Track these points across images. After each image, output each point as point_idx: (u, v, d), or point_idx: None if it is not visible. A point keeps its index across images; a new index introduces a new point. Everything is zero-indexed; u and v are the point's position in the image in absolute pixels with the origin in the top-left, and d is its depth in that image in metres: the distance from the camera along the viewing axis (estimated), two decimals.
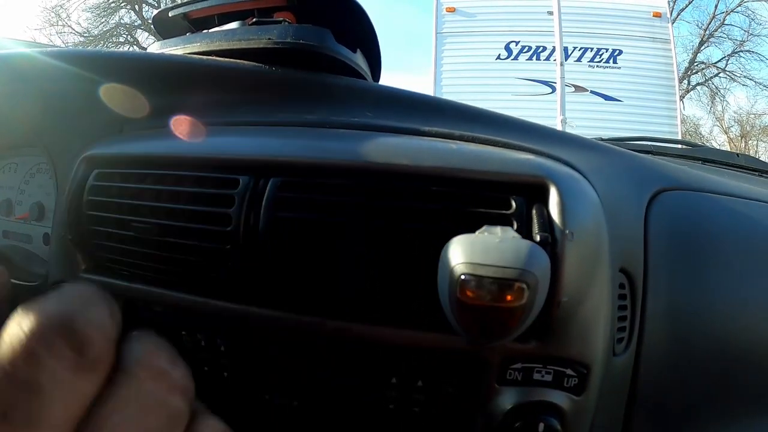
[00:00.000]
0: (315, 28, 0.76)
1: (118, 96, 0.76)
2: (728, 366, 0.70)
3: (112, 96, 0.76)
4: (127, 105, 0.77)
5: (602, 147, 0.74)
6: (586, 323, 0.55)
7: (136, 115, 0.77)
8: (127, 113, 0.78)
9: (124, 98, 0.76)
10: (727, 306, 0.71)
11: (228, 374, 0.66)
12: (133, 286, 0.68)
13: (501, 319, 0.44)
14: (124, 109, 0.77)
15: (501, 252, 0.43)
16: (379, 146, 0.60)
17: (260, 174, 0.60)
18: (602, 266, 0.56)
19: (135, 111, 0.77)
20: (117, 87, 0.76)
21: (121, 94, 0.76)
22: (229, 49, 0.78)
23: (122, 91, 0.76)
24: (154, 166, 0.67)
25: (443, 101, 0.77)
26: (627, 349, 0.63)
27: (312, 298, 0.58)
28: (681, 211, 0.72)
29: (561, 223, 0.51)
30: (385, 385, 0.59)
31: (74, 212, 0.71)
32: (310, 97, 0.77)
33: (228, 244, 0.59)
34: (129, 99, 0.76)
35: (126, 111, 0.77)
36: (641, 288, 0.64)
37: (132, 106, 0.76)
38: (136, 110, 0.77)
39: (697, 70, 18.42)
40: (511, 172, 0.54)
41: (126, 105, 0.77)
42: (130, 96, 0.76)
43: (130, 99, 0.76)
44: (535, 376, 0.55)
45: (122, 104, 0.77)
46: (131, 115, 0.77)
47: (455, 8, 6.99)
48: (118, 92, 0.76)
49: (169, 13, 0.94)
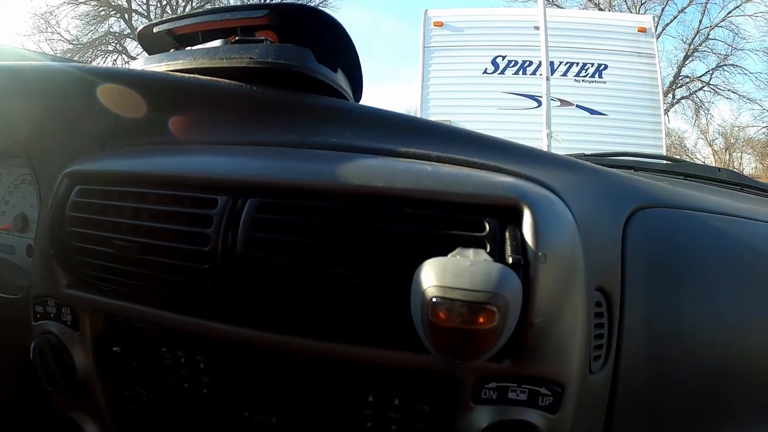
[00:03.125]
0: (296, 47, 0.77)
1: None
2: (708, 382, 0.70)
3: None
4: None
5: (580, 166, 0.74)
6: (560, 342, 0.55)
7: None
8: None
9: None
10: (706, 322, 0.71)
11: (207, 391, 0.66)
12: (114, 302, 0.68)
13: (473, 340, 0.45)
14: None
15: (472, 275, 0.44)
16: (356, 168, 0.61)
17: (238, 194, 0.60)
18: (577, 286, 0.57)
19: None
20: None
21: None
22: (212, 67, 0.79)
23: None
24: (134, 184, 0.67)
25: (422, 121, 0.77)
26: (604, 367, 0.63)
27: (289, 317, 0.59)
28: (659, 228, 0.72)
29: (534, 245, 0.52)
30: (363, 403, 0.59)
31: (56, 228, 0.71)
32: (291, 117, 0.78)
33: (206, 264, 0.59)
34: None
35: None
36: (618, 306, 0.64)
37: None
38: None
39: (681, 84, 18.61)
40: (485, 194, 0.55)
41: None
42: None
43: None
44: (510, 395, 0.55)
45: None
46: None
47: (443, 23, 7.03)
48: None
49: (154, 29, 0.94)
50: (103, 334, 0.71)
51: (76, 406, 0.75)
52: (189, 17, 0.91)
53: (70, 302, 0.71)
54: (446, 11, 7.28)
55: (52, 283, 0.73)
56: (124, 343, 0.70)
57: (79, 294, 0.71)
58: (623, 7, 17.70)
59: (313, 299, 0.57)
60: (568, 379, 0.56)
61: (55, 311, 0.73)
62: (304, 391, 0.61)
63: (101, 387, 0.72)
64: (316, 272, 0.56)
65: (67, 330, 0.72)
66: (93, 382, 0.72)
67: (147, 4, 17.49)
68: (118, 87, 0.79)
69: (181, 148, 0.74)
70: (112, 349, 0.70)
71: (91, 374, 0.71)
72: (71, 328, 0.72)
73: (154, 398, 0.70)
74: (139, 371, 0.70)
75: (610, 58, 6.92)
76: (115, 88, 0.79)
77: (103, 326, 0.71)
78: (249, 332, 0.60)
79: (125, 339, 0.70)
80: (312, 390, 0.61)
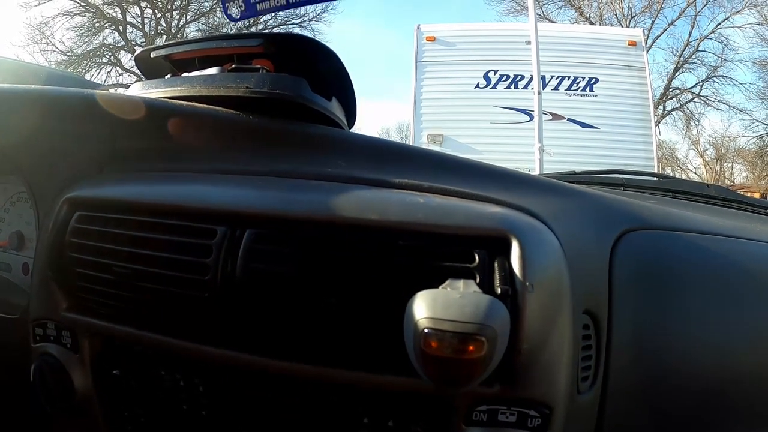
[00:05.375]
0: (291, 77, 0.79)
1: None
2: (695, 401, 0.72)
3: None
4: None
5: (567, 190, 0.76)
6: (548, 366, 0.57)
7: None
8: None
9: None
10: (693, 342, 0.72)
11: (206, 413, 0.68)
12: (114, 326, 0.69)
13: (463, 368, 0.47)
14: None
15: (461, 307, 0.46)
16: (351, 200, 0.63)
17: (236, 225, 0.62)
18: (564, 311, 0.59)
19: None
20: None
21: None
22: (209, 95, 0.81)
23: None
24: (134, 212, 0.69)
25: (412, 149, 0.79)
26: (592, 387, 0.64)
27: (286, 344, 0.60)
28: (646, 251, 0.73)
29: (522, 276, 0.54)
30: (358, 424, 0.61)
31: (56, 252, 0.72)
32: (287, 146, 0.80)
33: (206, 293, 0.61)
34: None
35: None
36: (606, 328, 0.66)
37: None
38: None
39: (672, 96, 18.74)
40: (475, 225, 0.57)
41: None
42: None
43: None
44: (500, 417, 0.57)
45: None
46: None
47: (435, 37, 7.08)
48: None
49: (152, 54, 0.96)
50: (102, 356, 0.72)
51: (76, 427, 0.76)
52: (186, 44, 0.93)
53: (69, 325, 0.73)
54: (438, 26, 7.33)
55: (51, 306, 0.74)
56: (123, 365, 0.71)
57: (78, 317, 0.72)
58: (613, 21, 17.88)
59: (309, 327, 0.59)
60: (556, 400, 0.58)
61: (55, 334, 0.74)
62: (301, 413, 0.63)
63: (100, 408, 0.73)
64: (313, 301, 0.58)
65: (67, 352, 0.73)
66: (92, 403, 0.73)
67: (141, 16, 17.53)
68: (115, 111, 0.80)
69: (180, 176, 0.75)
70: (111, 372, 0.72)
71: (90, 396, 0.72)
72: (71, 351, 0.73)
73: (153, 420, 0.71)
74: (138, 393, 0.71)
75: (601, 71, 6.97)
76: (113, 112, 0.80)
77: (102, 349, 0.72)
78: (247, 357, 0.61)
79: (124, 362, 0.71)
80: (308, 412, 0.62)
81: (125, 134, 0.81)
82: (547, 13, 17.81)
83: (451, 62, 7.04)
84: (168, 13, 17.68)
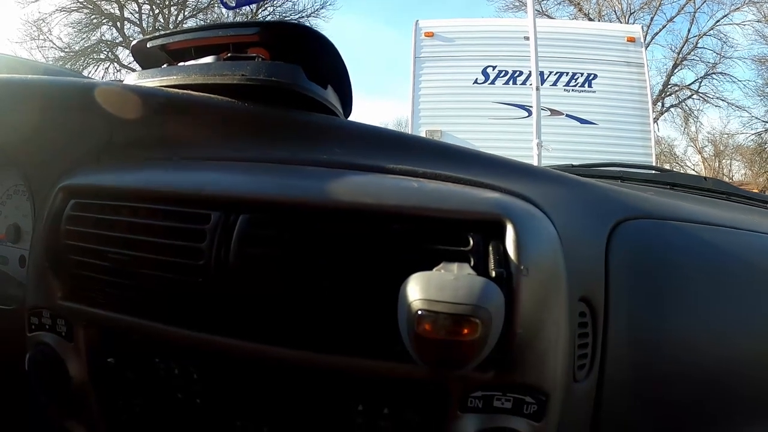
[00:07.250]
0: (287, 65, 0.79)
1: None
2: (692, 390, 0.72)
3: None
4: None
5: (565, 179, 0.76)
6: (543, 352, 0.57)
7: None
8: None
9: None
10: (690, 331, 0.72)
11: (200, 401, 0.67)
12: (109, 314, 0.69)
13: (457, 351, 0.47)
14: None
15: (455, 289, 0.46)
16: (345, 184, 0.63)
17: (230, 210, 0.62)
18: (560, 298, 0.59)
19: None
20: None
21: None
22: (204, 83, 0.80)
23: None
24: (129, 199, 0.69)
25: (409, 137, 0.79)
26: (589, 375, 0.64)
27: (281, 329, 0.60)
28: (643, 239, 0.74)
29: (516, 259, 0.54)
30: (353, 411, 0.61)
31: (52, 240, 0.72)
32: (282, 133, 0.79)
33: (200, 277, 0.61)
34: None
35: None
36: (602, 316, 0.66)
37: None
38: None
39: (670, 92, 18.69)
40: (470, 209, 0.57)
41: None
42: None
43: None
44: (495, 404, 0.57)
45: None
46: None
47: (434, 33, 7.05)
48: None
49: (148, 44, 0.96)
50: (97, 345, 0.72)
51: (71, 416, 0.76)
52: (182, 33, 0.93)
53: (64, 314, 0.72)
54: (437, 22, 7.31)
55: (47, 295, 0.74)
56: (118, 354, 0.71)
57: (73, 306, 0.72)
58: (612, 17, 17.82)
59: (303, 311, 0.59)
60: (552, 387, 0.58)
61: (50, 322, 0.73)
62: (295, 399, 0.63)
63: (95, 397, 0.73)
64: (307, 285, 0.58)
65: (62, 341, 0.73)
66: (87, 392, 0.72)
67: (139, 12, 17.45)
68: (112, 101, 0.80)
69: (175, 163, 0.75)
70: (106, 360, 0.71)
71: (85, 385, 0.72)
72: (66, 340, 0.72)
73: (148, 408, 0.71)
74: (133, 382, 0.71)
75: (600, 67, 6.95)
76: (109, 102, 0.80)
77: (97, 337, 0.72)
78: (241, 343, 0.61)
79: (119, 350, 0.71)
80: (303, 399, 0.62)
81: (122, 124, 0.81)
82: (546, 9, 17.74)
83: (450, 58, 7.02)
84: (166, 9, 17.61)
